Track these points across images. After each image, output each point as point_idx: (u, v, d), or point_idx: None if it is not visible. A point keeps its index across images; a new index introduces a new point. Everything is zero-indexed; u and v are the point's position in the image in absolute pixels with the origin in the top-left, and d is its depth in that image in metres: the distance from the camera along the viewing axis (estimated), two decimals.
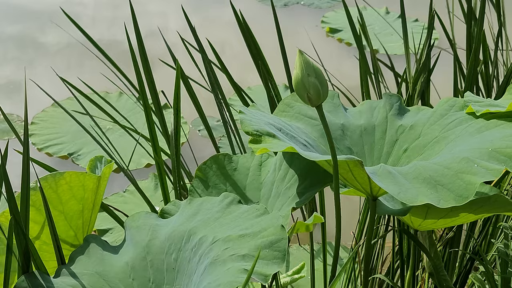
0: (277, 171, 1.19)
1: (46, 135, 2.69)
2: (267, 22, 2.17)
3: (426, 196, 0.98)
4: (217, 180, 1.23)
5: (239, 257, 0.89)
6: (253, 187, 1.21)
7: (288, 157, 1.17)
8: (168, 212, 1.12)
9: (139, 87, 1.44)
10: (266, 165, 1.23)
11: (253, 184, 1.21)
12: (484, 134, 1.10)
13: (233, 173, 1.23)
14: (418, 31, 3.46)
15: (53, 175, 1.14)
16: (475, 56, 1.67)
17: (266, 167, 1.23)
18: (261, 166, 1.23)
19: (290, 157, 1.17)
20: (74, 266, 1.05)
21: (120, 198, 2.38)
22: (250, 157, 1.25)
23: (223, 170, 1.24)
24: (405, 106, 1.28)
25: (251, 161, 1.24)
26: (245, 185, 1.22)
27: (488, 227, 1.62)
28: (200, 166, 1.25)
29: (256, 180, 1.22)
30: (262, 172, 1.22)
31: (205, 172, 1.24)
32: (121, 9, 3.63)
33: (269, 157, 1.25)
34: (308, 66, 1.02)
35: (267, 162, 1.24)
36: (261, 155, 1.24)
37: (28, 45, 3.35)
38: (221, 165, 1.24)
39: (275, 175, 1.19)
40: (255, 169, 1.23)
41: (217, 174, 1.24)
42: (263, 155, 1.24)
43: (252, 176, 1.22)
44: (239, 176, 1.23)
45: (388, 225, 1.62)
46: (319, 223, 1.64)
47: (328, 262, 1.90)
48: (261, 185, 1.21)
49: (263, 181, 1.21)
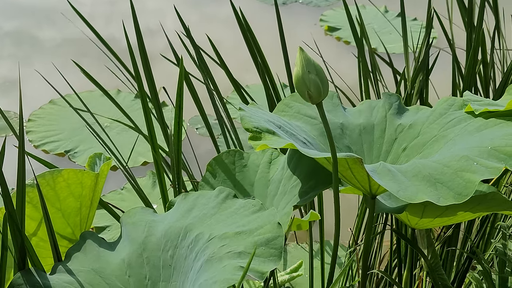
0: (285, 170, 1.19)
1: (43, 132, 2.68)
2: (265, 21, 2.17)
3: (425, 193, 0.98)
4: (226, 175, 1.25)
5: (235, 254, 0.89)
6: (261, 184, 1.22)
7: (296, 157, 1.18)
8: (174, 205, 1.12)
9: (138, 83, 1.44)
10: (276, 163, 1.24)
11: (261, 181, 1.22)
12: (483, 133, 1.10)
13: (242, 169, 1.25)
14: (417, 30, 3.46)
15: (51, 172, 1.14)
16: (474, 56, 1.66)
17: (275, 165, 1.24)
18: (271, 163, 1.24)
19: (299, 157, 1.17)
20: (70, 263, 1.04)
21: (117, 195, 2.38)
22: (260, 154, 1.26)
23: (233, 165, 1.25)
24: (404, 105, 1.28)
25: (261, 159, 1.25)
26: (254, 182, 1.23)
27: (486, 226, 1.62)
28: (211, 161, 1.27)
29: (265, 177, 1.22)
30: (271, 169, 1.23)
31: (215, 167, 1.26)
32: (118, 6, 3.62)
33: (279, 155, 1.25)
34: (308, 64, 1.02)
35: (277, 160, 1.24)
36: (272, 152, 1.25)
37: (25, 42, 3.34)
38: (231, 161, 1.26)
39: (283, 173, 1.19)
40: (264, 166, 1.24)
41: (226, 170, 1.25)
42: (273, 153, 1.26)
43: (261, 173, 1.23)
44: (248, 173, 1.24)
45: (386, 223, 1.62)
46: (317, 222, 1.64)
47: (326, 260, 1.90)
48: (269, 182, 1.21)
49: (271, 179, 1.21)
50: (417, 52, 1.95)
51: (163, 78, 2.11)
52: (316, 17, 3.63)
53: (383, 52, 2.90)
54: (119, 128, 2.69)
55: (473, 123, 1.14)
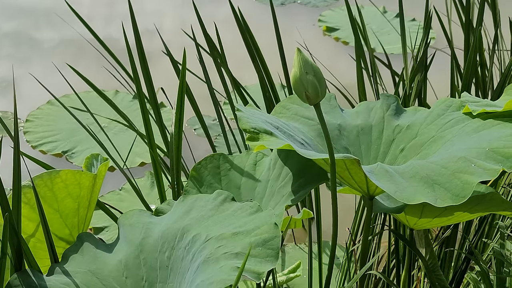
0: (271, 170, 1.19)
1: (40, 133, 2.68)
2: (263, 21, 2.16)
3: (423, 195, 0.97)
4: (212, 179, 1.23)
5: (232, 255, 0.89)
6: (248, 186, 1.21)
7: (283, 155, 1.17)
8: (162, 212, 1.12)
9: (136, 85, 1.43)
10: (261, 164, 1.23)
11: (248, 183, 1.21)
12: (481, 134, 1.10)
13: (227, 173, 1.24)
14: (415, 30, 3.45)
15: (48, 173, 1.14)
16: (472, 57, 1.66)
17: (260, 166, 1.23)
18: (256, 165, 1.23)
19: (285, 155, 1.17)
20: (67, 264, 1.04)
21: (116, 196, 2.38)
22: (245, 156, 1.25)
23: (218, 169, 1.24)
24: (402, 106, 1.28)
25: (246, 161, 1.25)
26: (240, 184, 1.22)
27: (484, 226, 1.62)
28: (195, 166, 1.26)
29: (251, 179, 1.22)
30: (256, 171, 1.22)
31: (200, 171, 1.25)
32: (116, 7, 3.62)
33: (264, 156, 1.25)
34: (306, 64, 1.02)
35: (262, 162, 1.24)
36: (256, 154, 1.25)
37: (23, 43, 3.34)
38: (216, 165, 1.25)
39: (270, 174, 1.19)
40: (250, 168, 1.23)
41: (212, 174, 1.24)
42: (258, 154, 1.25)
43: (247, 175, 1.22)
44: (233, 176, 1.23)
45: (384, 224, 1.62)
46: (315, 222, 1.63)
47: (325, 261, 1.90)
48: (256, 184, 1.21)
49: (257, 180, 1.21)
50: (415, 52, 1.95)
51: (161, 78, 2.11)
52: (315, 18, 3.63)
53: (381, 52, 2.90)
54: (117, 128, 2.69)
55: (471, 124, 1.14)
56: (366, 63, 1.95)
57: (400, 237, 1.35)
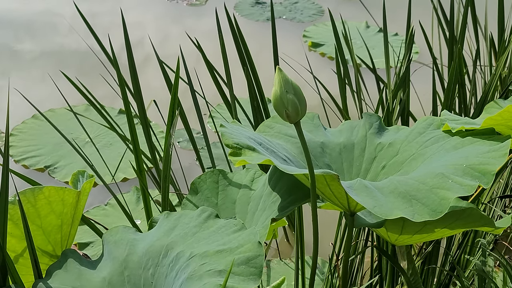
0: (265, 187, 1.21)
1: (24, 147, 2.66)
2: (249, 37, 2.18)
3: (401, 210, 0.99)
4: (209, 193, 1.28)
5: (215, 273, 0.89)
6: (243, 201, 1.24)
7: (277, 174, 1.19)
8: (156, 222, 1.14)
9: (124, 102, 1.44)
10: (258, 181, 1.27)
11: (243, 198, 1.25)
12: (459, 151, 1.12)
13: (225, 188, 1.28)
14: (398, 45, 3.50)
15: (32, 189, 1.14)
16: (454, 76, 1.69)
17: (257, 183, 1.27)
18: (253, 182, 1.27)
19: (279, 175, 1.19)
20: (51, 281, 1.04)
21: (101, 211, 2.37)
22: (244, 173, 1.30)
23: (216, 184, 1.28)
24: (384, 125, 1.30)
25: (244, 177, 1.29)
26: (236, 199, 1.25)
27: (466, 242, 1.63)
28: (195, 180, 1.30)
29: (246, 194, 1.25)
30: (252, 187, 1.26)
31: (199, 185, 1.29)
32: (98, 19, 3.61)
33: (262, 174, 1.28)
34: (286, 83, 1.03)
35: (259, 179, 1.27)
36: (254, 172, 1.29)
37: (3, 55, 3.31)
38: (215, 180, 1.29)
39: (263, 190, 1.21)
40: (246, 184, 1.27)
41: (210, 188, 1.28)
42: (256, 172, 1.29)
43: (243, 191, 1.26)
44: (231, 191, 1.27)
45: (367, 240, 1.63)
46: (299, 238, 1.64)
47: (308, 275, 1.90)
48: (250, 199, 1.24)
49: (252, 196, 1.23)
50: (398, 68, 1.98)
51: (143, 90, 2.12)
52: (300, 33, 3.66)
53: (364, 68, 2.93)
54: (100, 144, 2.68)
55: (450, 141, 1.16)
56: (350, 80, 1.98)
57: (383, 253, 1.36)
